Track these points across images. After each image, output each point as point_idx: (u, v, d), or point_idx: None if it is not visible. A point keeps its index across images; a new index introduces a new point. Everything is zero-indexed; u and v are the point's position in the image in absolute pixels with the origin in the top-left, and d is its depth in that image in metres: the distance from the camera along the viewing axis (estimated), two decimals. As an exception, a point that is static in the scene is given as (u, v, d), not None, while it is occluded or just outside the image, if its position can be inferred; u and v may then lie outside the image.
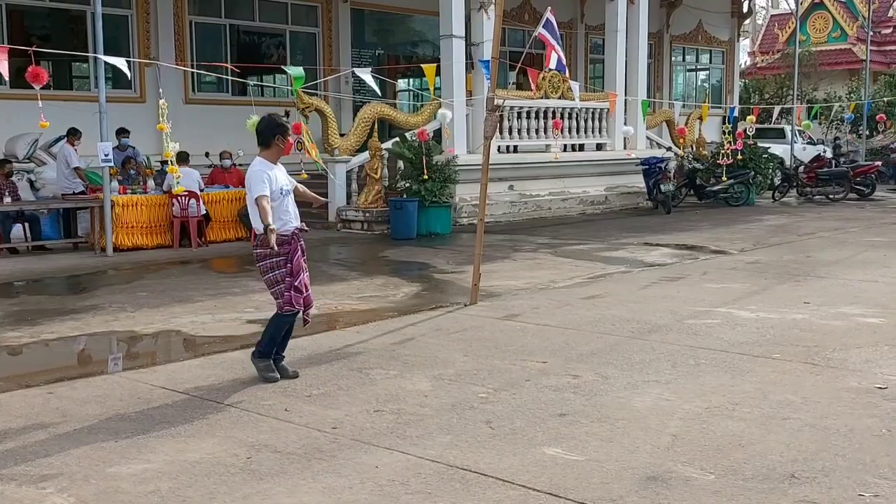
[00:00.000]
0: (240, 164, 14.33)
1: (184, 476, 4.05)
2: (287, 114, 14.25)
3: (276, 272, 5.57)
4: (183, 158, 12.53)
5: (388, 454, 4.31)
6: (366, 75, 12.28)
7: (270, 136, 5.56)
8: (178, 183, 12.16)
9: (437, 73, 13.53)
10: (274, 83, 18.02)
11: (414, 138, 13.90)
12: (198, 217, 12.50)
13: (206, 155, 14.67)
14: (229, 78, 11.71)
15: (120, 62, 10.98)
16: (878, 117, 25.41)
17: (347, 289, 9.08)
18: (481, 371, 5.81)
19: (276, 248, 5.41)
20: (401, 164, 14.17)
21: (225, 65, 8.52)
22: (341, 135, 15.28)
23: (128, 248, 12.03)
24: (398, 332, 6.94)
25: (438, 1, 15.05)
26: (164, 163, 12.51)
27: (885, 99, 27.16)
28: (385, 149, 14.27)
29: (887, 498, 3.73)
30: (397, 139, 14.55)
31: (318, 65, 18.04)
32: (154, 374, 5.91)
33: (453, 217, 14.37)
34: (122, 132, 13.75)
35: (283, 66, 13.67)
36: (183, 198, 12.24)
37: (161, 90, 12.06)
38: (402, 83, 22.03)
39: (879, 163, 21.38)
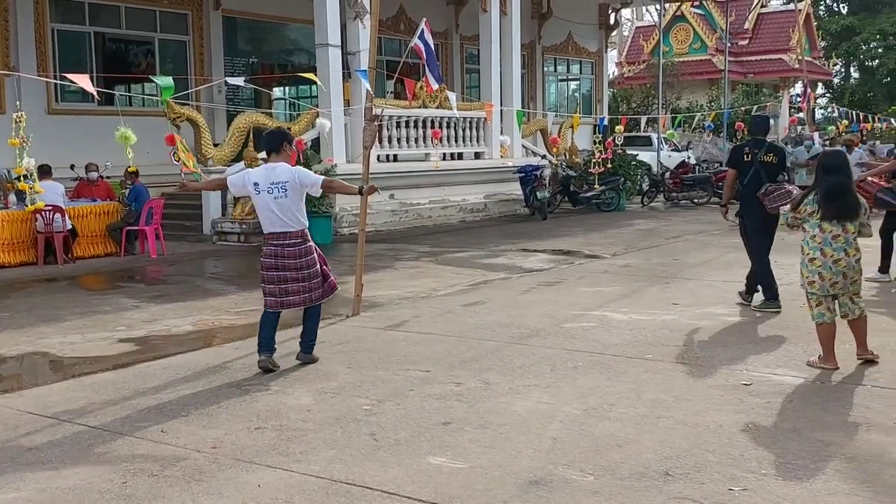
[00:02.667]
0: (107, 177, 13.80)
1: (54, 506, 3.87)
2: (72, 167, 13.88)
3: (319, 264, 6.21)
4: (45, 171, 11.95)
5: (270, 472, 4.23)
6: (239, 81, 12.05)
7: (279, 143, 6.18)
8: (33, 201, 11.54)
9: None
10: (143, 92, 17.45)
11: (289, 148, 13.70)
12: (63, 232, 11.94)
13: (72, 167, 14.05)
14: (94, 89, 11.22)
15: None
16: (736, 125, 26.78)
17: (224, 303, 8.87)
18: (365, 383, 5.79)
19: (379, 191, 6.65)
20: (278, 174, 13.96)
21: (84, 85, 8.06)
22: (215, 145, 14.95)
23: (-12, 266, 11.39)
24: (279, 346, 6.82)
25: (313, 9, 14.95)
26: (18, 178, 11.84)
27: (743, 108, 28.65)
28: (261, 158, 14.01)
29: (755, 491, 3.93)
30: (274, 149, 14.32)
31: (189, 74, 17.58)
32: (21, 398, 5.61)
33: (334, 227, 14.28)
34: (-21, 145, 13.00)
35: (150, 77, 13.26)
36: (47, 212, 11.68)
37: (18, 102, 11.47)
38: (277, 92, 21.74)
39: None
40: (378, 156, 15.83)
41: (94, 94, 8.66)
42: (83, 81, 8.54)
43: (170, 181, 12.74)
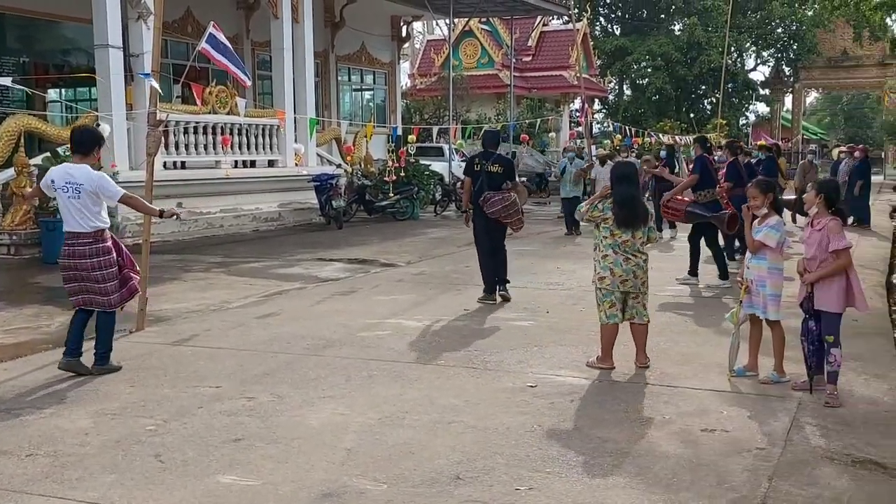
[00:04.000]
0: None
1: None
2: None
3: (114, 269, 6.16)
4: None
5: (43, 501, 3.94)
6: (6, 82, 11.14)
7: (91, 147, 6.19)
8: None
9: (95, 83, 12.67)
10: None
11: (67, 153, 12.88)
12: None
13: None
14: None
15: None
16: (521, 137, 28.03)
17: (-8, 321, 8.18)
18: (149, 402, 5.51)
19: (181, 216, 6.38)
20: (53, 181, 13.05)
21: None
22: (-20, 150, 13.76)
23: None
24: (54, 366, 6.37)
25: (92, 8, 14.12)
26: None
27: (528, 121, 30.00)
28: (34, 165, 13.07)
29: (540, 490, 4.10)
30: (48, 154, 13.40)
31: (-49, 72, 16.09)
32: None
33: (115, 236, 13.50)
34: None
35: None
36: None
37: None
38: (52, 94, 20.37)
39: (525, 178, 23.54)
40: (164, 162, 15.20)
41: None
42: None
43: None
